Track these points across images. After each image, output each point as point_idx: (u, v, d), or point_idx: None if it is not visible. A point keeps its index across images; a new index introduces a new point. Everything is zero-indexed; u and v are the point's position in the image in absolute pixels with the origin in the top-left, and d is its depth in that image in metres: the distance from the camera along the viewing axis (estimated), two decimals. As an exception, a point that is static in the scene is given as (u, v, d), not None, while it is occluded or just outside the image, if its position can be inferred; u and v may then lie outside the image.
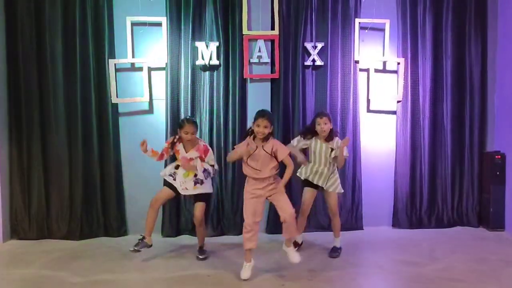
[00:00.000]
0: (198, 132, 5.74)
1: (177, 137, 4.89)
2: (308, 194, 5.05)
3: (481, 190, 6.35)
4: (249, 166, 4.31)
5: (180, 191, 4.88)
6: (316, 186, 5.03)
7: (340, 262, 4.81)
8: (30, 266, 4.71)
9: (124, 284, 4.19)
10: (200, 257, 4.93)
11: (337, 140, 4.92)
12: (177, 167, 4.89)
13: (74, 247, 5.42)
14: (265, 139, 4.27)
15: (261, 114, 4.23)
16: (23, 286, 4.15)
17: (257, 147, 4.25)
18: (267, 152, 4.25)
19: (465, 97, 6.29)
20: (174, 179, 4.86)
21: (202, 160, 4.83)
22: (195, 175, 4.82)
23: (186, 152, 4.82)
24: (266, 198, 4.37)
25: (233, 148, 4.60)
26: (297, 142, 5.02)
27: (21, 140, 5.70)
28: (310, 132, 4.98)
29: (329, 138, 4.91)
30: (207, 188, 4.91)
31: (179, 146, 4.86)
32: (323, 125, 4.83)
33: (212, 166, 4.88)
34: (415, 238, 5.74)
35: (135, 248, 4.86)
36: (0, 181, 5.56)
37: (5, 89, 5.65)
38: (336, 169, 5.04)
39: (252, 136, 4.32)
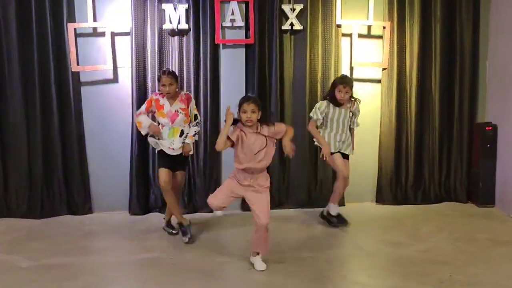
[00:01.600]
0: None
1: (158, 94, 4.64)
2: (338, 157, 4.81)
3: (471, 163, 5.98)
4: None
5: (166, 151, 4.52)
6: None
7: (316, 242, 4.47)
8: (-21, 248, 4.35)
9: (77, 268, 3.84)
10: (174, 232, 4.71)
11: (357, 105, 4.84)
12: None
13: (34, 226, 5.07)
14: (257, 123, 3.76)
15: (245, 99, 3.71)
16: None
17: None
18: (263, 135, 3.72)
19: (455, 64, 5.85)
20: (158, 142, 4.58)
21: (188, 114, 4.59)
22: (182, 133, 4.54)
23: (171, 106, 4.53)
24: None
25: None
26: (319, 112, 4.76)
27: (-27, 111, 5.28)
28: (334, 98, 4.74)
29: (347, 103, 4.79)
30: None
31: (163, 101, 4.54)
32: (344, 95, 4.63)
33: (196, 121, 4.66)
34: (399, 215, 5.41)
35: (189, 237, 4.49)
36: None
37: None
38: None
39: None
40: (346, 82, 4.68)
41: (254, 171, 3.71)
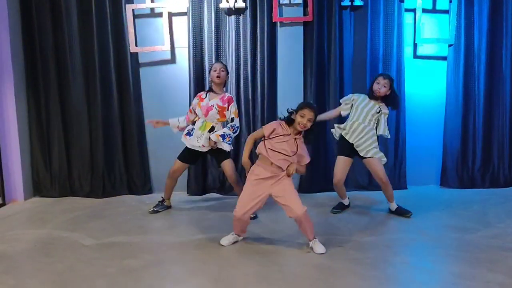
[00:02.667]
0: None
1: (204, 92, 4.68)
2: (341, 163, 4.57)
3: (545, 145, 5.62)
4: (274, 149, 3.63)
5: (197, 148, 4.56)
6: (350, 154, 4.55)
7: (378, 226, 4.30)
8: (46, 225, 4.46)
9: (136, 247, 3.85)
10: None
11: (387, 111, 4.55)
12: (193, 122, 4.65)
13: (96, 205, 5.17)
14: (300, 133, 3.67)
15: (308, 105, 3.60)
16: (32, 247, 3.87)
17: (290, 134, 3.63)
18: (296, 144, 3.63)
19: (529, 40, 5.49)
20: (190, 135, 4.59)
21: (223, 113, 4.53)
22: (212, 129, 4.52)
23: (210, 100, 4.54)
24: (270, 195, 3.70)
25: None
26: (349, 98, 4.63)
27: (39, 95, 5.44)
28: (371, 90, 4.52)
29: (380, 100, 4.50)
30: (224, 146, 4.50)
31: (205, 95, 4.61)
32: (381, 87, 4.39)
33: (231, 124, 4.55)
34: (465, 199, 5.15)
35: (154, 209, 4.84)
36: (19, 139, 5.31)
37: (20, 41, 5.32)
38: (376, 137, 4.54)
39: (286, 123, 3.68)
40: (386, 75, 4.48)
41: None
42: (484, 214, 4.61)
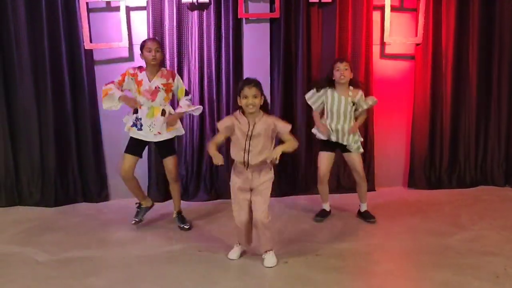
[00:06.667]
0: (187, 83, 5.07)
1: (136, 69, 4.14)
2: (324, 159, 4.34)
3: (509, 145, 5.69)
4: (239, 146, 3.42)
5: (151, 139, 4.10)
6: (333, 149, 4.33)
7: (354, 231, 4.15)
8: (-7, 240, 4.06)
9: (99, 263, 3.52)
10: (186, 227, 4.24)
11: (361, 94, 4.25)
12: (135, 111, 4.10)
13: (48, 215, 4.78)
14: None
15: (246, 82, 3.36)
16: (-22, 266, 3.49)
17: (249, 123, 3.36)
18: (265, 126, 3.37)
19: (494, 40, 5.50)
20: (140, 128, 4.08)
21: (170, 89, 4.12)
22: (163, 112, 4.07)
23: (150, 81, 4.04)
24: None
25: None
26: (312, 96, 4.32)
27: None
28: (325, 81, 4.26)
29: (348, 89, 4.23)
30: (181, 129, 4.25)
31: (141, 76, 4.06)
32: (343, 71, 4.10)
33: (188, 97, 4.22)
34: (435, 200, 5.11)
35: (136, 219, 4.32)
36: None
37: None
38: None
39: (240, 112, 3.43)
40: (342, 58, 4.27)
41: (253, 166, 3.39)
42: (456, 216, 4.56)
